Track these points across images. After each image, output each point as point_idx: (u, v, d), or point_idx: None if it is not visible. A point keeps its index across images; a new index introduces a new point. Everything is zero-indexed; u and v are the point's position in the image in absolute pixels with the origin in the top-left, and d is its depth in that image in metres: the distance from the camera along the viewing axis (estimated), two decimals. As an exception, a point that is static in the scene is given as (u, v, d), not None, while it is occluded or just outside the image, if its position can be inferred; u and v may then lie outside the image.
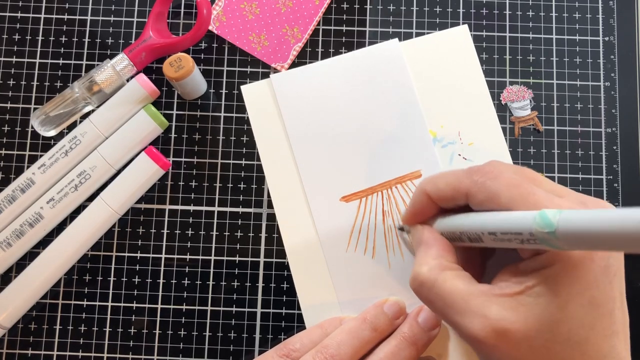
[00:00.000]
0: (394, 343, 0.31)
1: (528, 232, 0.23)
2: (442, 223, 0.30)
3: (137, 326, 0.36)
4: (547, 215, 0.22)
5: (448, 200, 0.29)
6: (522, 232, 0.24)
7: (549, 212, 0.22)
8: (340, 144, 0.37)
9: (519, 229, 0.24)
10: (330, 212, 0.36)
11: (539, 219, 0.22)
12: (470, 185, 0.27)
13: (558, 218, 0.22)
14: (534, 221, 0.23)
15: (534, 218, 0.23)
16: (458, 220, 0.28)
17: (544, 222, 0.22)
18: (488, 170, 0.27)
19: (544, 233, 0.22)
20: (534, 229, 0.23)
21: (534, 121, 0.38)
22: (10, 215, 0.36)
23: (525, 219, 0.23)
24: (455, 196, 0.28)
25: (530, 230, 0.23)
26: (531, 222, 0.23)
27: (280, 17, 0.39)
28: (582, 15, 0.39)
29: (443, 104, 0.37)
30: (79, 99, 0.37)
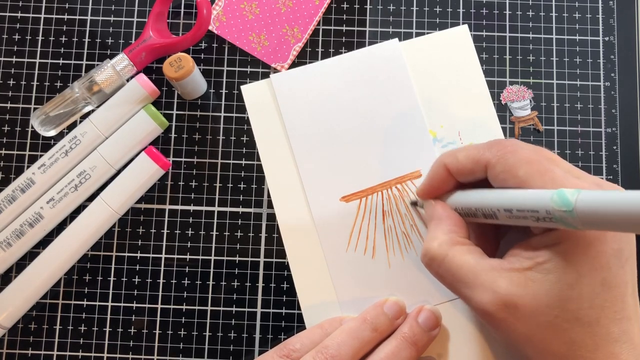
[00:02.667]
0: (394, 343, 0.31)
1: (545, 210, 0.23)
2: (457, 198, 0.30)
3: (137, 326, 0.36)
4: (565, 194, 0.22)
5: (467, 174, 0.29)
6: (538, 210, 0.24)
7: (567, 191, 0.22)
8: (340, 144, 0.37)
9: (535, 207, 0.24)
10: (330, 212, 0.36)
11: (557, 198, 0.23)
12: (490, 158, 0.27)
13: (576, 197, 0.22)
14: (552, 199, 0.23)
15: (551, 196, 0.23)
16: (474, 195, 0.28)
17: (562, 200, 0.22)
18: (508, 144, 0.27)
19: (561, 212, 0.22)
20: (551, 207, 0.23)
21: (534, 121, 0.38)
22: (10, 215, 0.36)
23: (542, 197, 0.24)
24: (475, 169, 0.28)
25: (547, 208, 0.23)
26: (548, 200, 0.23)
27: (280, 17, 0.39)
28: (582, 15, 0.39)
29: (443, 104, 0.37)
30: (79, 99, 0.37)
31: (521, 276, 0.25)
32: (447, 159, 0.30)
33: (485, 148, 0.28)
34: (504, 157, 0.27)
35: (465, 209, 0.29)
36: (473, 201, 0.28)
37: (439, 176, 0.30)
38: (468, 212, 0.29)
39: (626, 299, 0.24)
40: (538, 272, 0.25)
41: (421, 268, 0.35)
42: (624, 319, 0.24)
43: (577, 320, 0.24)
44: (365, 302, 0.35)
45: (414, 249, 0.36)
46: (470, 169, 0.28)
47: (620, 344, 0.24)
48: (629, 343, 0.24)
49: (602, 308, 0.24)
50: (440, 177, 0.30)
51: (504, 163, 0.26)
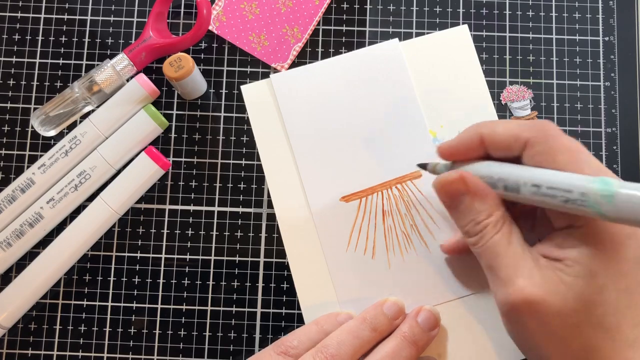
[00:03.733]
0: (394, 343, 0.31)
1: (580, 192, 0.23)
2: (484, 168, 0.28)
3: (137, 326, 0.36)
4: (609, 180, 0.23)
5: (502, 148, 0.28)
6: (572, 190, 0.24)
7: (610, 179, 0.23)
8: (340, 144, 0.37)
9: (570, 187, 0.24)
10: (330, 212, 0.36)
11: (600, 182, 0.23)
12: (531, 136, 0.27)
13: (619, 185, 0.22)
14: (593, 182, 0.23)
15: (592, 180, 0.23)
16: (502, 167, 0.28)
17: (604, 185, 0.23)
18: (551, 127, 0.27)
19: (600, 196, 0.22)
20: (591, 189, 0.23)
21: None
22: (10, 215, 0.36)
23: (579, 179, 0.24)
24: (513, 144, 0.27)
25: (583, 190, 0.23)
26: (587, 182, 0.23)
27: (280, 17, 0.39)
28: (582, 15, 0.39)
29: (443, 104, 0.37)
30: (79, 99, 0.37)
31: (555, 276, 0.25)
32: (485, 129, 0.28)
33: (527, 125, 0.27)
34: (546, 139, 0.26)
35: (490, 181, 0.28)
36: (500, 171, 0.27)
37: (470, 143, 0.29)
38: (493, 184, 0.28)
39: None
40: (568, 274, 0.25)
41: (420, 268, 0.35)
42: None
43: (600, 325, 0.24)
44: (365, 302, 0.35)
45: (414, 249, 0.36)
46: (508, 144, 0.27)
47: (634, 350, 0.25)
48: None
49: (624, 314, 0.24)
50: (470, 144, 0.29)
51: (546, 144, 0.26)
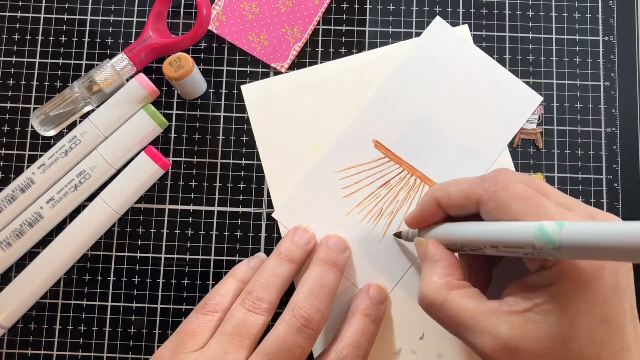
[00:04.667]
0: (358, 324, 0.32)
1: (530, 246, 0.23)
2: (445, 231, 0.30)
3: (137, 326, 0.36)
4: (547, 230, 0.22)
5: (458, 208, 0.29)
6: (524, 246, 0.24)
7: (549, 227, 0.22)
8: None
9: (520, 243, 0.24)
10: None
11: (540, 234, 0.22)
12: (482, 194, 0.27)
13: (560, 233, 0.22)
14: (535, 236, 0.23)
15: (534, 233, 0.23)
16: (462, 229, 0.28)
17: (545, 237, 0.22)
18: (500, 180, 0.27)
19: (547, 248, 0.22)
20: (536, 243, 0.23)
21: (536, 137, 0.37)
22: (10, 215, 0.36)
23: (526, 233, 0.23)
24: (467, 205, 0.28)
25: (532, 245, 0.23)
26: (532, 236, 0.23)
27: (280, 17, 0.39)
28: (582, 15, 0.39)
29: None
30: (79, 99, 0.37)
31: (521, 319, 0.25)
32: (439, 193, 0.29)
33: (477, 183, 0.28)
34: (496, 194, 0.26)
35: (452, 243, 0.29)
36: (460, 235, 0.28)
37: (430, 208, 0.30)
38: (455, 246, 0.29)
39: (625, 329, 0.24)
40: (537, 314, 0.25)
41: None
42: (624, 349, 0.24)
43: (579, 357, 0.24)
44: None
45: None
46: (462, 204, 0.28)
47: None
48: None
49: (602, 343, 0.24)
50: (430, 209, 0.30)
51: (496, 200, 0.26)
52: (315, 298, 0.30)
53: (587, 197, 0.37)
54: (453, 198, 0.29)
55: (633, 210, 0.37)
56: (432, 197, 0.30)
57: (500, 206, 0.26)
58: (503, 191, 0.26)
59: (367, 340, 0.32)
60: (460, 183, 0.29)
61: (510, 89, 0.37)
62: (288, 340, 0.29)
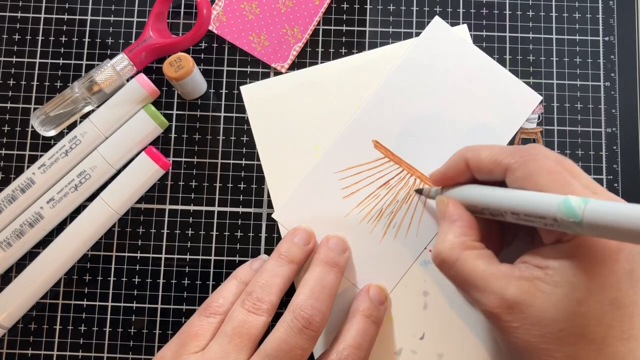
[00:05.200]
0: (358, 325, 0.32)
1: (552, 218, 0.23)
2: (467, 192, 0.30)
3: (137, 326, 0.36)
4: (571, 203, 0.22)
5: (485, 173, 0.29)
6: (545, 217, 0.24)
7: (574, 200, 0.22)
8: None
9: (543, 213, 0.24)
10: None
11: (564, 207, 0.23)
12: (512, 162, 0.27)
13: (584, 208, 0.22)
14: (559, 208, 0.23)
15: (558, 205, 0.23)
16: (485, 192, 0.28)
17: (569, 211, 0.22)
18: (532, 152, 0.27)
19: (569, 221, 0.22)
20: (559, 215, 0.23)
21: (536, 136, 0.37)
22: (10, 215, 0.36)
23: (550, 204, 0.23)
24: (495, 170, 0.28)
25: (554, 216, 0.23)
26: (555, 208, 0.23)
27: (280, 17, 0.39)
28: (582, 15, 0.39)
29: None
30: (79, 99, 0.37)
31: (530, 285, 0.25)
32: (469, 154, 0.30)
33: (509, 152, 0.28)
34: (526, 164, 0.27)
35: (473, 206, 0.29)
36: (483, 198, 0.28)
37: (457, 168, 0.30)
38: (475, 209, 0.29)
39: (634, 318, 0.24)
40: (547, 283, 0.25)
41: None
42: (632, 338, 0.24)
43: (582, 336, 0.24)
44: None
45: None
46: (490, 169, 0.28)
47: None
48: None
49: (610, 327, 0.24)
50: (458, 169, 0.30)
51: (525, 169, 0.26)
52: (315, 299, 0.30)
53: (587, 197, 0.37)
54: (483, 161, 0.29)
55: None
56: (462, 157, 0.30)
57: (528, 176, 0.26)
58: (533, 162, 0.26)
59: (368, 340, 0.32)
60: (492, 148, 0.29)
61: (509, 88, 0.37)
62: (289, 341, 0.29)
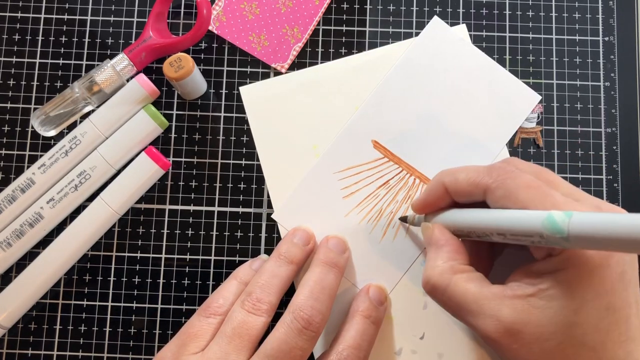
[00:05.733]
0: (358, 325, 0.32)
1: (538, 235, 0.23)
2: (451, 216, 0.30)
3: (137, 326, 0.36)
4: (555, 219, 0.22)
5: (465, 195, 0.29)
6: (532, 235, 0.24)
7: (557, 216, 0.22)
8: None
9: (528, 232, 0.24)
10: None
11: (548, 224, 0.23)
12: (490, 182, 0.27)
13: (568, 222, 0.22)
14: (543, 225, 0.23)
15: (542, 222, 0.23)
16: (468, 215, 0.28)
17: (553, 227, 0.22)
18: (508, 169, 0.27)
19: (555, 237, 0.22)
20: (544, 232, 0.23)
21: (536, 135, 0.37)
22: (10, 215, 0.36)
23: (534, 221, 0.23)
24: (473, 192, 0.28)
25: (540, 233, 0.23)
26: (540, 225, 0.23)
27: (280, 17, 0.39)
28: (582, 15, 0.39)
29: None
30: (79, 99, 0.37)
31: (524, 303, 0.25)
32: (446, 178, 0.30)
33: (485, 172, 0.28)
34: (504, 182, 0.26)
35: (459, 229, 0.29)
36: (467, 222, 0.28)
37: (436, 194, 0.30)
38: (462, 232, 0.29)
39: (630, 320, 0.24)
40: (541, 299, 0.25)
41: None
42: (629, 340, 0.24)
43: (582, 345, 0.24)
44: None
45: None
46: (469, 191, 0.28)
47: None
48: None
49: (607, 332, 0.24)
50: (437, 194, 0.30)
51: (504, 187, 0.26)
52: (315, 299, 0.30)
53: (587, 197, 0.37)
54: (460, 184, 0.29)
55: (633, 211, 0.37)
56: (440, 182, 0.30)
57: (508, 194, 0.26)
58: (511, 180, 0.26)
59: (367, 341, 0.32)
60: (468, 170, 0.29)
61: (508, 88, 0.37)
62: (288, 342, 0.29)
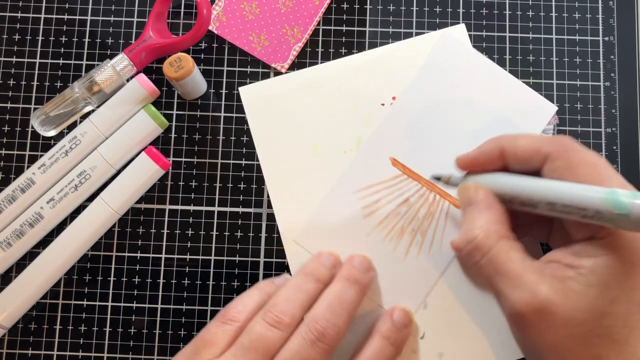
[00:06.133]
0: (376, 344, 0.32)
1: (594, 210, 0.23)
2: (500, 181, 0.29)
3: (137, 326, 0.36)
4: (619, 196, 0.22)
5: (523, 161, 0.28)
6: (586, 208, 0.23)
7: (622, 194, 0.22)
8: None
9: (584, 205, 0.23)
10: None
11: (612, 200, 0.22)
12: (553, 151, 0.27)
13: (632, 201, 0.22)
14: (606, 200, 0.22)
15: (604, 197, 0.22)
16: (521, 181, 0.27)
17: (615, 203, 0.22)
18: (571, 142, 0.27)
19: (615, 214, 0.22)
20: (604, 207, 0.22)
21: None
22: (10, 215, 0.36)
23: (593, 195, 0.23)
24: (534, 158, 0.27)
25: (597, 208, 0.23)
26: (600, 200, 0.22)
27: (280, 17, 0.39)
28: (582, 15, 0.39)
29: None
30: (79, 99, 0.37)
31: (562, 284, 0.25)
32: (506, 142, 0.29)
33: (548, 141, 0.27)
34: (567, 153, 0.26)
35: (501, 194, 0.28)
36: (518, 187, 0.27)
37: (490, 155, 0.29)
38: (503, 198, 0.28)
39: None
40: (580, 283, 0.24)
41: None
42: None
43: (608, 336, 0.24)
44: None
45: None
46: (529, 157, 0.28)
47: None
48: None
49: (634, 328, 0.24)
50: (491, 156, 0.29)
51: (566, 159, 0.26)
52: (332, 312, 0.30)
53: (587, 197, 0.37)
54: (521, 149, 0.28)
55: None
56: (497, 144, 0.29)
57: (569, 166, 0.26)
58: (575, 153, 0.26)
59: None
60: (530, 136, 0.28)
61: (523, 100, 0.37)
62: (301, 353, 0.28)
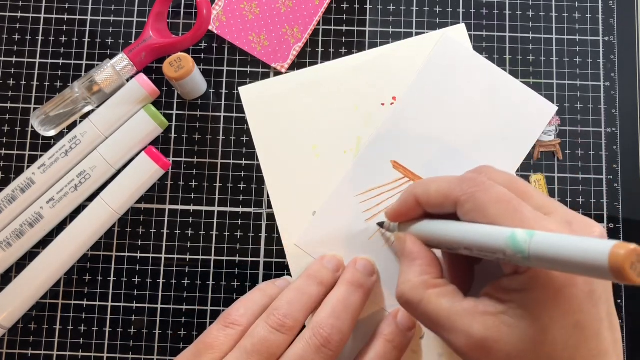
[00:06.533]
0: (380, 347, 0.32)
1: (502, 252, 0.23)
2: (420, 228, 0.30)
3: (137, 326, 0.36)
4: (517, 239, 0.22)
5: (437, 207, 0.29)
6: (496, 251, 0.24)
7: (520, 236, 0.22)
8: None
9: (492, 248, 0.24)
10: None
11: (511, 243, 0.23)
12: (460, 195, 0.27)
13: (529, 242, 0.22)
14: (506, 243, 0.23)
15: (505, 240, 0.23)
16: (438, 227, 0.28)
17: (515, 246, 0.22)
18: (480, 180, 0.27)
19: (517, 257, 0.22)
20: (507, 250, 0.23)
21: (555, 148, 0.37)
22: (10, 215, 0.36)
23: (498, 239, 0.24)
24: (444, 204, 0.28)
25: (503, 251, 0.23)
26: (503, 243, 0.23)
27: (280, 17, 0.39)
28: (582, 15, 0.39)
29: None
30: (79, 99, 0.37)
31: (495, 320, 0.25)
32: (419, 190, 0.30)
33: (456, 183, 0.28)
34: (474, 195, 0.26)
35: (429, 240, 0.29)
36: (436, 234, 0.28)
37: (408, 205, 0.30)
38: (433, 243, 0.29)
39: (601, 334, 0.24)
40: (510, 317, 0.25)
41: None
42: (600, 354, 0.24)
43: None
44: None
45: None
46: (440, 203, 0.28)
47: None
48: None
49: (576, 348, 0.24)
50: (409, 205, 0.30)
51: (474, 201, 0.26)
52: (337, 318, 0.30)
53: (587, 197, 0.37)
54: (431, 196, 0.29)
55: (633, 210, 0.37)
56: (412, 193, 0.30)
57: (477, 208, 0.26)
58: (481, 193, 0.26)
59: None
60: (439, 181, 0.29)
61: (524, 101, 0.37)
62: (305, 358, 0.29)
